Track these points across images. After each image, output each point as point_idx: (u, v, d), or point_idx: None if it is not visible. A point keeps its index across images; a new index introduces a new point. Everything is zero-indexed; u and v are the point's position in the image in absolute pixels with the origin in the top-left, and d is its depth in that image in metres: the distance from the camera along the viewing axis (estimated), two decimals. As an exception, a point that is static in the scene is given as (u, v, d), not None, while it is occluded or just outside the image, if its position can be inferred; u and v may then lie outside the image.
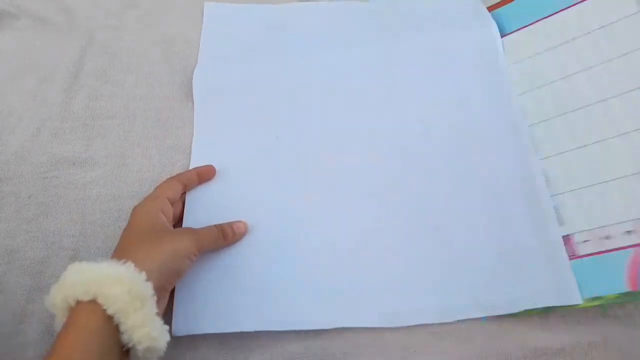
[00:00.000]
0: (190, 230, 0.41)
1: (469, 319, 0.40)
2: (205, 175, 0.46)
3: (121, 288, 0.32)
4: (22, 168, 0.48)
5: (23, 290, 0.42)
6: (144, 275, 0.34)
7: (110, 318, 0.32)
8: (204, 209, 0.44)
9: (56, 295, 0.33)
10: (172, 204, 0.42)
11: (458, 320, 0.40)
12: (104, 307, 0.31)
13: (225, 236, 0.42)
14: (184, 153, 0.49)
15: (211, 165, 0.46)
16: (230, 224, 0.43)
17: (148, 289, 0.33)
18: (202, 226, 0.42)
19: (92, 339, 0.31)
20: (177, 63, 0.55)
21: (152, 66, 0.55)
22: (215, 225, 0.42)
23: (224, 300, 0.40)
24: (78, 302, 0.32)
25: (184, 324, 0.39)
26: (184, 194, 0.45)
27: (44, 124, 0.50)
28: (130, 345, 0.32)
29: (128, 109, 0.52)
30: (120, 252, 0.37)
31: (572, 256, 0.41)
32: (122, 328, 0.32)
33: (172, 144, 0.50)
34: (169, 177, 0.45)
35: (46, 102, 0.52)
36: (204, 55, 0.55)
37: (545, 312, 0.41)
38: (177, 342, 0.39)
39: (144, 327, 0.32)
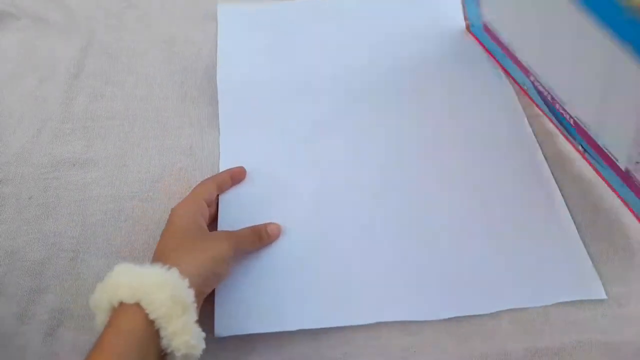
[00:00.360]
0: (228, 233, 0.41)
1: (469, 318, 0.40)
2: (237, 176, 0.46)
3: (165, 294, 0.32)
4: (23, 169, 0.48)
5: (23, 292, 0.42)
6: (187, 282, 0.34)
7: (151, 323, 0.32)
8: (238, 211, 0.45)
9: (101, 295, 0.33)
10: (208, 205, 0.42)
11: (458, 320, 0.40)
12: (147, 312, 0.31)
13: (260, 238, 0.42)
14: (184, 153, 0.49)
15: (242, 167, 0.47)
16: (264, 226, 0.43)
17: (190, 296, 0.33)
18: (236, 228, 0.42)
19: (132, 342, 0.31)
20: (177, 63, 0.56)
21: (152, 66, 0.55)
22: (250, 228, 0.42)
23: (265, 300, 0.40)
24: (121, 304, 0.32)
25: (227, 325, 0.39)
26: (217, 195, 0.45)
27: (45, 125, 0.50)
28: (168, 350, 0.32)
29: (128, 109, 0.52)
30: (161, 255, 0.37)
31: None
32: (163, 333, 0.32)
33: (172, 145, 0.50)
34: (169, 176, 0.46)
35: (46, 103, 0.52)
36: (222, 57, 0.55)
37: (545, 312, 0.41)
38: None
39: (184, 335, 0.32)
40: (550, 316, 0.41)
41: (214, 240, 0.39)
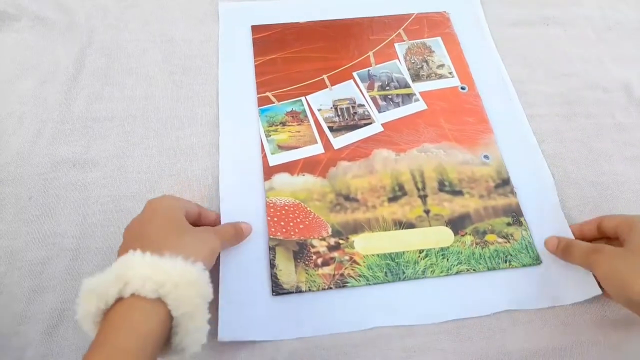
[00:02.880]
0: (212, 229, 0.41)
1: (469, 319, 0.41)
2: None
3: (194, 291, 0.31)
4: (23, 169, 0.48)
5: (23, 291, 0.42)
6: (208, 275, 0.32)
7: (171, 319, 0.30)
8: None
9: (112, 284, 0.30)
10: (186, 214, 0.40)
11: (458, 321, 0.41)
12: (170, 308, 0.30)
13: (237, 235, 0.42)
14: (184, 153, 0.49)
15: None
16: (239, 223, 0.43)
17: (211, 292, 0.32)
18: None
19: (148, 340, 0.29)
20: (177, 63, 0.55)
21: (152, 66, 0.55)
22: (230, 225, 0.42)
23: (267, 309, 0.40)
24: (132, 296, 0.30)
25: (230, 331, 0.39)
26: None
27: (45, 125, 0.50)
28: (179, 347, 0.31)
29: (128, 110, 0.52)
30: (159, 244, 0.33)
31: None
32: (179, 330, 0.30)
33: (172, 145, 0.50)
34: (169, 176, 0.46)
35: (46, 103, 0.52)
36: (224, 56, 0.55)
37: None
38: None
39: (200, 333, 0.31)
40: (549, 317, 0.41)
41: (206, 233, 0.38)
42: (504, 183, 0.47)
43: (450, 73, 0.54)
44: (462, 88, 0.53)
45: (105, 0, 0.60)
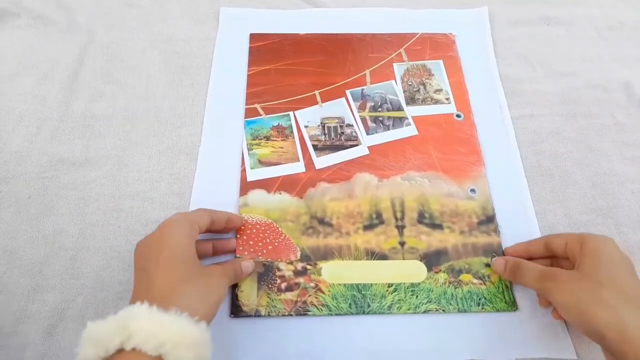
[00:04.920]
0: (222, 269, 0.39)
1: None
2: (233, 223, 0.43)
3: (192, 354, 0.30)
4: (22, 168, 0.48)
5: (23, 291, 0.42)
6: (209, 336, 0.32)
7: None
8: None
9: (116, 334, 0.30)
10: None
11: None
12: None
13: (237, 276, 0.40)
14: (183, 153, 0.49)
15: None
16: (239, 261, 0.41)
17: (210, 354, 0.32)
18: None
19: None
20: (177, 63, 0.55)
21: (152, 66, 0.55)
22: (233, 263, 0.41)
23: (222, 330, 0.39)
24: (133, 350, 0.30)
25: None
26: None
27: (44, 124, 0.50)
28: None
29: (128, 109, 0.52)
30: (168, 292, 0.33)
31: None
32: None
33: (172, 144, 0.49)
34: (169, 175, 0.46)
35: (46, 102, 0.52)
36: (218, 61, 0.55)
37: None
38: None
39: None
40: None
41: (215, 277, 0.36)
42: (488, 220, 0.45)
43: (447, 99, 0.52)
44: (458, 116, 0.51)
45: (106, -1, 0.60)
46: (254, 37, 0.56)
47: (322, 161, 0.48)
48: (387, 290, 0.41)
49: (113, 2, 0.60)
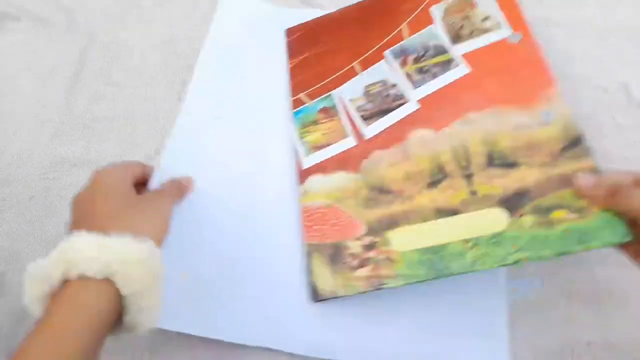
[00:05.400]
0: (162, 192, 0.40)
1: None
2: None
3: (143, 269, 0.30)
4: (24, 170, 0.48)
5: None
6: (159, 252, 0.32)
7: (120, 298, 0.30)
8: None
9: (56, 266, 0.30)
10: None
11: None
12: (119, 287, 0.29)
13: (180, 192, 0.41)
14: None
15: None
16: (180, 180, 0.42)
17: (162, 268, 0.32)
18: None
19: (93, 319, 0.29)
20: (177, 64, 0.55)
21: (153, 67, 0.55)
22: (173, 182, 0.42)
23: (203, 304, 0.40)
24: (80, 277, 0.29)
25: (167, 319, 0.38)
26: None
27: (45, 125, 0.51)
28: (130, 325, 0.31)
29: (128, 110, 0.52)
30: (109, 220, 0.33)
31: None
32: (131, 309, 0.30)
33: None
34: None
35: (47, 103, 0.53)
36: (208, 53, 0.54)
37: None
38: (171, 338, 0.39)
39: (154, 310, 0.31)
40: (550, 316, 0.40)
41: (158, 200, 0.37)
42: (575, 142, 0.38)
43: (497, 24, 0.46)
44: (514, 38, 0.45)
45: (106, 0, 0.60)
46: (289, 31, 0.56)
47: (371, 129, 0.45)
48: (464, 247, 0.37)
49: (113, 3, 0.60)
